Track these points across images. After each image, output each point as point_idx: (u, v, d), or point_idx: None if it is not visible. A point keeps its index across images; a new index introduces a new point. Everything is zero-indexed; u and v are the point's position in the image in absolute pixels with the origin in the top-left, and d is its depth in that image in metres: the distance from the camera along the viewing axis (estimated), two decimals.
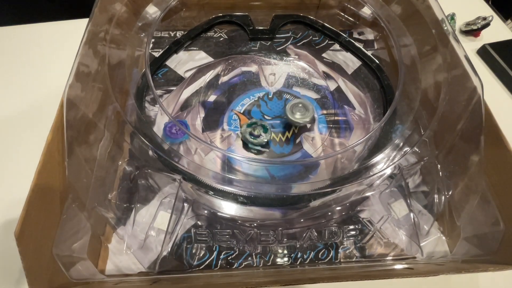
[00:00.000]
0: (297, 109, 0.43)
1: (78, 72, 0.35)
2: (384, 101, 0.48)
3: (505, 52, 0.54)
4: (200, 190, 0.38)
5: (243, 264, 0.36)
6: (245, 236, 0.36)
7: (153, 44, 0.52)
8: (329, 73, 0.51)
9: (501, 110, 0.37)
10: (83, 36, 0.37)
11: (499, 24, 0.62)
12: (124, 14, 0.44)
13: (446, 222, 0.38)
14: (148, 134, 0.37)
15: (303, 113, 0.43)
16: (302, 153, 0.44)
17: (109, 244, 0.36)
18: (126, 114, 0.39)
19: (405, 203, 0.37)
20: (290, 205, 0.38)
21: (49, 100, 0.38)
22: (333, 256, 0.37)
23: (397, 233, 0.38)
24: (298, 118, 0.43)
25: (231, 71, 0.51)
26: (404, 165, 0.37)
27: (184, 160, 0.36)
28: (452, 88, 0.39)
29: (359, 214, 0.39)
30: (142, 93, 0.45)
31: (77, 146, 0.33)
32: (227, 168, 0.42)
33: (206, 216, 0.38)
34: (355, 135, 0.45)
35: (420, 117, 0.40)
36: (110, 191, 0.38)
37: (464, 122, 0.36)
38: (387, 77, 0.49)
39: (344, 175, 0.38)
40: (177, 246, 0.36)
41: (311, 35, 0.55)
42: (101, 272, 0.35)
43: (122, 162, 0.40)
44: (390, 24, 0.46)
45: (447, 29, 0.41)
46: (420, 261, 0.37)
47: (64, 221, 0.31)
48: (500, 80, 0.54)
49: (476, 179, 0.35)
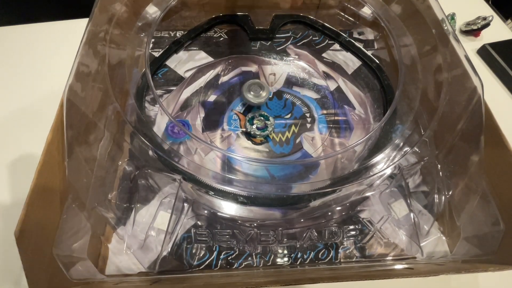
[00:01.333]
0: (253, 88, 0.44)
1: (78, 72, 0.35)
2: (384, 101, 0.48)
3: (505, 52, 0.54)
4: (200, 190, 0.38)
5: (243, 264, 0.36)
6: (245, 236, 0.36)
7: (153, 44, 0.52)
8: (329, 73, 0.51)
9: (501, 110, 0.37)
10: (83, 36, 0.37)
11: (499, 24, 0.61)
12: (124, 14, 0.44)
13: (446, 222, 0.38)
14: (148, 134, 0.37)
15: (257, 93, 0.44)
16: (302, 153, 0.44)
17: (109, 244, 0.36)
18: (126, 114, 0.39)
19: (405, 203, 0.37)
20: (290, 205, 0.39)
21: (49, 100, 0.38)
22: (333, 256, 0.37)
23: (397, 233, 0.38)
24: (251, 98, 0.43)
25: (231, 71, 0.51)
26: (404, 165, 0.37)
27: (184, 160, 0.36)
28: (452, 88, 0.39)
29: (359, 214, 0.39)
30: (142, 93, 0.45)
31: (77, 146, 0.33)
32: (227, 168, 0.42)
33: (206, 216, 0.38)
34: (355, 135, 0.45)
35: (420, 117, 0.40)
36: (110, 191, 0.38)
37: (464, 122, 0.36)
38: (387, 77, 0.49)
39: (344, 175, 0.38)
40: (177, 246, 0.36)
41: (311, 35, 0.55)
42: (101, 272, 0.35)
43: (122, 162, 0.40)
44: (390, 24, 0.46)
45: (447, 29, 0.41)
46: (420, 261, 0.37)
47: (64, 221, 0.31)
48: (500, 80, 0.54)
49: (476, 179, 0.35)
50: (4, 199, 0.41)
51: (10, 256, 0.36)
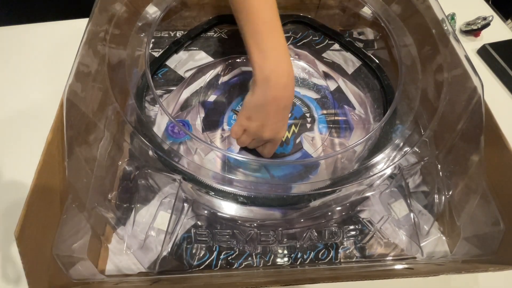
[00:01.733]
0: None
1: (78, 72, 0.35)
2: (384, 101, 0.48)
3: (505, 52, 0.54)
4: (200, 190, 0.38)
5: (243, 264, 0.36)
6: (245, 236, 0.36)
7: (153, 44, 0.52)
8: (329, 73, 0.51)
9: (501, 110, 0.37)
10: (83, 36, 0.37)
11: (499, 24, 0.61)
12: (124, 14, 0.44)
13: (446, 222, 0.38)
14: (148, 134, 0.37)
15: None
16: (302, 153, 0.44)
17: (109, 244, 0.36)
18: (126, 114, 0.39)
19: (405, 203, 0.37)
20: (290, 205, 0.39)
21: (49, 100, 0.38)
22: (333, 256, 0.37)
23: (397, 233, 0.38)
24: None
25: (231, 71, 0.51)
26: (404, 165, 0.37)
27: (184, 160, 0.36)
28: (452, 88, 0.39)
29: (359, 214, 0.39)
30: (142, 93, 0.45)
31: (77, 146, 0.33)
32: (227, 168, 0.42)
33: (206, 216, 0.38)
34: (355, 135, 0.45)
35: (420, 117, 0.40)
36: (110, 191, 0.38)
37: (464, 122, 0.36)
38: (387, 77, 0.49)
39: (344, 175, 0.38)
40: (177, 246, 0.36)
41: (311, 35, 0.55)
42: (101, 272, 0.35)
43: (122, 162, 0.40)
44: (390, 24, 0.46)
45: (447, 29, 0.41)
46: (420, 261, 0.37)
47: (64, 221, 0.31)
48: (500, 80, 0.54)
49: (476, 179, 0.35)
50: (4, 199, 0.41)
51: (10, 256, 0.36)
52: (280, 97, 0.35)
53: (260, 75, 0.34)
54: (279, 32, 0.35)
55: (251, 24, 0.35)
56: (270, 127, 0.36)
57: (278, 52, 0.35)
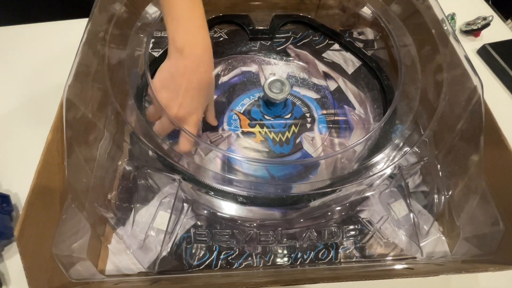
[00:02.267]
0: (274, 85, 0.44)
1: (78, 72, 0.35)
2: (384, 101, 0.48)
3: (505, 52, 0.54)
4: (200, 190, 0.38)
5: (243, 264, 0.36)
6: (245, 236, 0.36)
7: (153, 44, 0.52)
8: (329, 73, 0.51)
9: (501, 110, 0.37)
10: (83, 36, 0.37)
11: (499, 24, 0.61)
12: (124, 14, 0.44)
13: (446, 222, 0.38)
14: (148, 134, 0.37)
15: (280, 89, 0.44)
16: (302, 153, 0.44)
17: (109, 244, 0.36)
18: (126, 114, 0.39)
19: (405, 203, 0.37)
20: (290, 205, 0.38)
21: (49, 100, 0.38)
22: (333, 256, 0.37)
23: (397, 233, 0.38)
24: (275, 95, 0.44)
25: (231, 71, 0.51)
26: (404, 165, 0.37)
27: (184, 160, 0.36)
28: (452, 88, 0.39)
29: (359, 214, 0.39)
30: (142, 93, 0.45)
31: (77, 146, 0.33)
32: (227, 168, 0.42)
33: (206, 216, 0.38)
34: (355, 135, 0.45)
35: (420, 117, 0.40)
36: (110, 191, 0.38)
37: (464, 122, 0.36)
38: (387, 77, 0.49)
39: (344, 175, 0.38)
40: (177, 246, 0.36)
41: (311, 35, 0.55)
42: (101, 272, 0.35)
43: (122, 162, 0.40)
44: (390, 24, 0.46)
45: (447, 29, 0.41)
46: (420, 261, 0.37)
47: (64, 221, 0.31)
48: (500, 80, 0.54)
49: (476, 179, 0.35)
50: None
51: (10, 256, 0.36)
52: (192, 70, 0.33)
53: (173, 44, 0.33)
54: (197, 7, 0.34)
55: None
56: (178, 101, 0.33)
57: (194, 24, 0.33)
